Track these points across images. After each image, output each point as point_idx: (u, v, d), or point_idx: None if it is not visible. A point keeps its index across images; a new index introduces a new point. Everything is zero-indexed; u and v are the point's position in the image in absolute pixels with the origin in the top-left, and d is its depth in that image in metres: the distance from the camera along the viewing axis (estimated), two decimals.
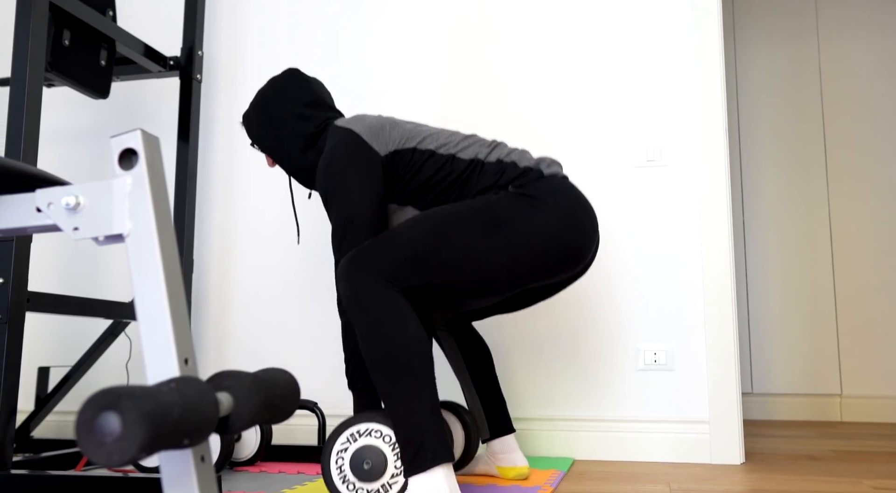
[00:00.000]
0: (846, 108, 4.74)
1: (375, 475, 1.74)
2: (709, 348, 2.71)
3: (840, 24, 4.83)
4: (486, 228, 1.76)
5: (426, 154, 1.96)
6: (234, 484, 2.24)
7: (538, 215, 1.80)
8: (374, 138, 1.95)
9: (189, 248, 2.91)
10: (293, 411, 1.00)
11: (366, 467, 1.74)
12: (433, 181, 1.93)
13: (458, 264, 1.74)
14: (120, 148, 0.94)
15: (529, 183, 1.88)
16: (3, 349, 2.12)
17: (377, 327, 1.65)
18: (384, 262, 1.70)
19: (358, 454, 1.75)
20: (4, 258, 2.15)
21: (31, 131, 2.22)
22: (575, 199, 1.88)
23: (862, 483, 2.27)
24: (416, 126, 2.04)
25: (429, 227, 1.75)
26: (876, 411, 4.45)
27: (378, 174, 1.92)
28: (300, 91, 2.13)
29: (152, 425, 0.73)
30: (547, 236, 1.80)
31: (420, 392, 1.62)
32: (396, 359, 1.63)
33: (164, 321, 0.90)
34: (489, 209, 1.79)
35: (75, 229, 0.95)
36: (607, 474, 2.44)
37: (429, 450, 1.60)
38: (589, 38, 2.97)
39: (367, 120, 2.00)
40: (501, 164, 1.93)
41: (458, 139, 2.00)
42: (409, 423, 1.61)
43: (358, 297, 1.67)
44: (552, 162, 1.98)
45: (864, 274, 4.58)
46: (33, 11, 2.25)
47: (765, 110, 4.86)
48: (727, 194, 2.76)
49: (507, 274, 1.78)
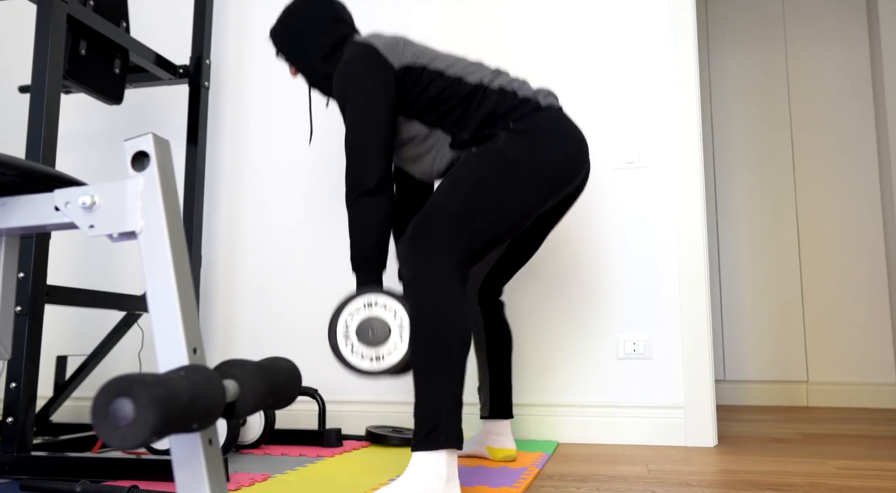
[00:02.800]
0: (812, 114, 4.75)
1: (376, 343, 1.76)
2: (684, 338, 2.71)
3: (806, 36, 4.84)
4: (505, 178, 1.81)
5: (435, 73, 1.99)
6: (240, 466, 2.24)
7: (541, 150, 1.86)
8: (389, 52, 1.99)
9: (197, 244, 2.91)
10: (295, 397, 1.00)
11: (370, 334, 1.76)
12: (440, 99, 1.97)
13: (498, 217, 1.79)
14: (133, 151, 0.94)
15: (527, 115, 1.92)
16: (24, 339, 2.12)
17: (432, 310, 1.66)
18: (441, 242, 1.73)
19: (367, 321, 1.78)
20: (25, 254, 2.14)
21: (50, 135, 2.21)
22: (566, 129, 1.93)
23: (826, 464, 2.27)
24: (428, 48, 2.08)
25: (461, 196, 1.79)
26: (840, 396, 4.47)
27: (391, 83, 1.96)
28: (324, 7, 2.17)
29: (163, 410, 0.73)
30: (553, 165, 1.87)
31: (451, 378, 1.63)
32: (439, 342, 1.64)
33: (174, 313, 0.90)
34: (502, 160, 1.84)
35: (91, 227, 0.95)
36: (589, 456, 2.44)
37: (442, 432, 1.60)
38: (573, 50, 2.98)
39: (383, 36, 2.05)
40: (503, 91, 1.97)
41: (465, 63, 2.04)
42: (432, 402, 1.61)
43: (420, 281, 1.69)
44: (548, 93, 2.02)
45: (828, 269, 4.59)
46: (52, 23, 2.25)
47: (736, 116, 4.87)
48: (701, 195, 2.77)
49: (533, 203, 1.85)
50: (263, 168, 3.23)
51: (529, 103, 1.95)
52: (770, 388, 4.58)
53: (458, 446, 1.61)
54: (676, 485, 1.94)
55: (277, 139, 3.24)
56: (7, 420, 2.08)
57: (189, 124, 2.94)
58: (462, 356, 1.66)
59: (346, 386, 3.01)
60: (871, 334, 4.48)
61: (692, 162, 2.78)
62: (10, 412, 2.08)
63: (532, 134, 1.88)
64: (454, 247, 1.73)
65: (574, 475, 2.09)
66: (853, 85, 4.71)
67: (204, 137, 2.95)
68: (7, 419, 2.08)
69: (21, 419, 2.08)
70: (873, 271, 4.52)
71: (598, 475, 2.07)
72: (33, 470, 2.03)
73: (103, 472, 2.00)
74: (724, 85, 4.92)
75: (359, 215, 1.90)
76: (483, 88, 1.98)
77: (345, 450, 2.56)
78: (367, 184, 1.88)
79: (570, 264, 2.86)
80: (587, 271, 2.85)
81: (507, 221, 1.81)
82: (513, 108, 1.94)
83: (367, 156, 1.90)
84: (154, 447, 2.35)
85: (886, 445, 2.72)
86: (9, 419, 2.08)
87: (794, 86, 4.81)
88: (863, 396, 4.43)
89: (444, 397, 1.62)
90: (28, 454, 2.06)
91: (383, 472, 2.12)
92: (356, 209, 1.90)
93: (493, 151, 1.86)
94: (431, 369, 1.63)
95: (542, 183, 1.85)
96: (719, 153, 4.85)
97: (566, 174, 1.90)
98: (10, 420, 2.08)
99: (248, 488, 1.89)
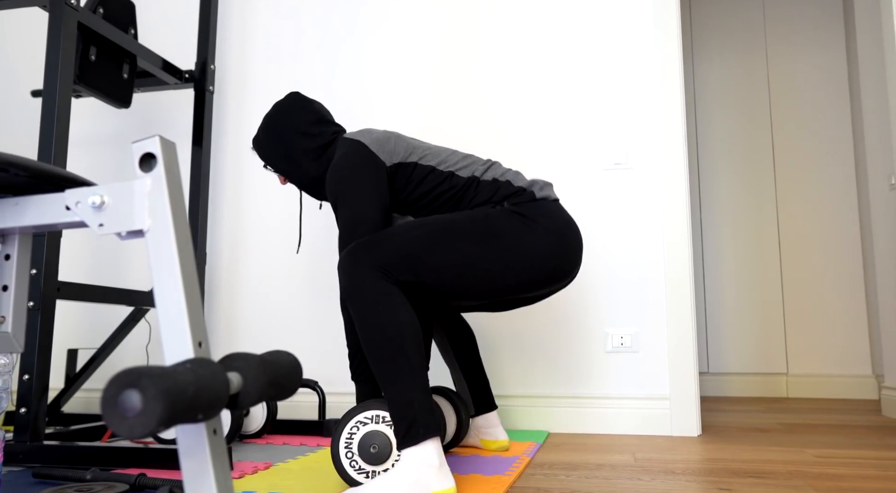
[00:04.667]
0: (792, 117, 4.76)
1: (382, 459, 1.73)
2: (669, 333, 2.72)
3: (786, 42, 4.85)
4: (479, 238, 1.74)
5: (427, 169, 1.92)
6: (244, 455, 2.24)
7: (530, 234, 1.78)
8: (380, 149, 1.91)
9: (202, 242, 2.90)
10: (296, 389, 1.00)
11: (372, 451, 1.73)
12: (432, 195, 1.90)
13: (448, 268, 1.71)
14: (140, 152, 0.94)
15: (524, 203, 1.85)
16: (36, 333, 2.12)
17: (372, 313, 1.63)
18: (380, 255, 1.67)
19: (365, 439, 1.74)
20: (37, 252, 2.14)
21: (61, 137, 2.21)
22: (564, 222, 1.85)
23: (805, 452, 2.28)
24: (419, 142, 2.01)
25: (427, 230, 1.73)
26: (818, 388, 4.48)
27: (384, 181, 1.87)
28: (305, 112, 2.08)
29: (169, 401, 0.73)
30: (536, 254, 1.77)
31: (412, 373, 1.62)
32: (390, 343, 1.62)
33: (180, 308, 0.90)
34: (486, 221, 1.77)
35: (100, 226, 0.95)
36: (579, 445, 2.44)
37: (420, 425, 1.59)
38: (563, 55, 2.98)
39: (373, 133, 1.96)
40: (497, 182, 1.90)
41: (457, 158, 1.96)
42: (402, 401, 1.61)
43: (355, 285, 1.66)
44: (545, 184, 1.94)
45: (807, 266, 4.60)
46: (63, 30, 2.24)
47: (719, 119, 4.87)
48: (686, 195, 2.77)
49: (494, 284, 1.76)
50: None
51: (525, 193, 1.88)
52: (751, 380, 4.59)
53: (438, 433, 1.61)
54: (662, 473, 1.94)
55: None
56: (20, 411, 2.08)
57: (194, 127, 2.94)
58: (417, 349, 1.63)
59: (345, 379, 3.01)
60: (848, 329, 4.49)
61: (677, 163, 2.79)
62: (23, 402, 2.08)
63: (525, 216, 1.81)
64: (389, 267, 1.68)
65: (564, 463, 2.09)
66: (831, 88, 4.72)
67: (209, 140, 2.95)
68: (20, 409, 2.08)
69: (33, 410, 2.08)
70: (850, 269, 4.53)
71: (587, 464, 2.07)
72: (45, 458, 2.03)
73: (112, 460, 2.00)
74: (708, 89, 4.92)
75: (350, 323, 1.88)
76: (476, 180, 1.91)
77: None
78: None
79: None
80: None
81: (461, 280, 1.73)
82: (508, 195, 1.88)
83: None
84: (161, 437, 2.35)
85: (862, 434, 2.73)
86: (22, 410, 2.08)
87: (774, 89, 4.82)
88: (840, 387, 4.45)
89: (411, 393, 1.61)
90: (40, 443, 2.06)
91: None
92: (347, 314, 1.87)
93: (481, 212, 1.80)
94: (391, 370, 1.61)
95: (517, 265, 1.76)
96: (703, 154, 4.86)
97: (550, 270, 1.80)
98: (24, 411, 2.08)
99: (252, 476, 1.89)
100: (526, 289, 1.80)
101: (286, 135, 2.06)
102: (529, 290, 1.81)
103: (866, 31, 3.54)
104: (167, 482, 1.69)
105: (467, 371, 2.32)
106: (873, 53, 3.52)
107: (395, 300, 1.65)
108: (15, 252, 1.13)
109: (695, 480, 1.85)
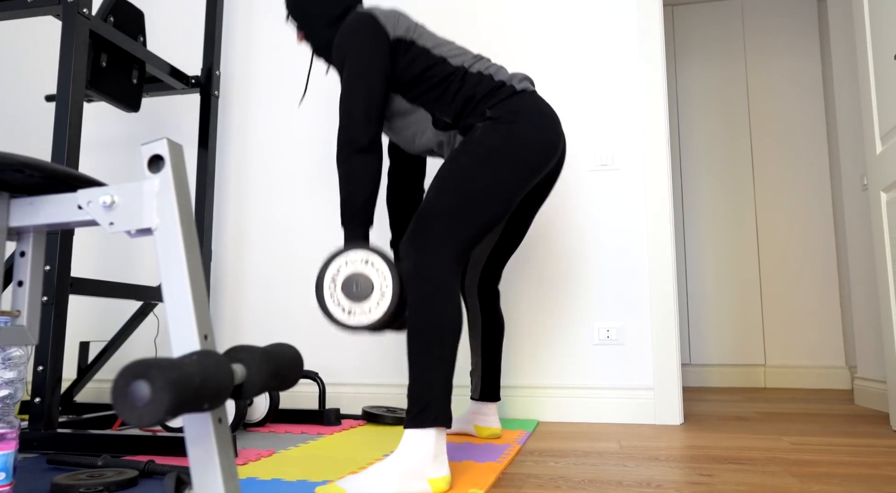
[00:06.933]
0: (769, 121, 4.76)
1: (360, 298, 1.73)
2: (653, 326, 2.72)
3: (764, 51, 4.85)
4: (486, 166, 1.78)
5: (422, 50, 1.97)
6: (247, 443, 2.24)
7: (517, 131, 1.83)
8: (385, 21, 1.96)
9: (208, 240, 2.90)
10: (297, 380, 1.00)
11: (354, 289, 1.73)
12: (422, 77, 1.94)
13: (486, 204, 1.76)
14: (149, 154, 0.93)
15: (503, 100, 1.89)
16: (50, 326, 2.11)
17: (429, 300, 1.64)
18: (436, 238, 1.70)
19: (350, 277, 1.74)
20: (51, 249, 2.14)
21: (74, 140, 2.20)
22: (539, 111, 1.90)
23: (782, 440, 2.29)
24: (420, 25, 2.06)
25: (450, 192, 1.76)
26: (794, 378, 4.49)
27: (386, 50, 1.93)
28: None
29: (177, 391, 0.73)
30: (528, 146, 1.83)
31: (442, 364, 1.62)
32: (433, 331, 1.63)
33: (187, 303, 0.90)
34: (481, 149, 1.80)
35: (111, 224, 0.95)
36: (567, 433, 2.45)
37: (432, 412, 1.59)
38: (554, 63, 2.98)
39: (382, 8, 2.01)
40: (481, 75, 1.94)
41: (451, 47, 2.01)
42: (424, 384, 1.61)
43: (418, 276, 1.67)
44: (523, 78, 1.99)
45: (784, 263, 4.61)
46: (76, 38, 2.23)
47: (701, 124, 4.88)
48: (669, 195, 2.77)
49: (515, 186, 1.81)
50: (268, 170, 3.22)
51: (505, 87, 1.92)
52: (731, 371, 4.60)
53: (447, 424, 1.61)
54: (646, 459, 1.94)
55: (280, 144, 3.23)
56: (35, 400, 2.08)
57: (200, 130, 2.93)
58: (453, 344, 1.66)
59: (344, 370, 3.01)
60: (822, 322, 4.51)
61: (661, 165, 2.79)
62: (38, 392, 2.08)
63: (507, 120, 1.85)
64: (449, 241, 1.71)
65: (553, 450, 2.09)
66: (807, 94, 4.73)
67: (214, 142, 2.94)
68: (35, 399, 2.08)
69: (47, 399, 2.08)
70: (825, 265, 4.54)
71: (574, 451, 2.08)
72: (59, 446, 2.03)
73: (122, 448, 2.00)
74: (690, 95, 4.93)
75: (350, 172, 1.85)
76: (464, 70, 1.95)
77: (343, 428, 2.56)
78: (360, 142, 1.84)
79: (551, 259, 2.87)
80: (566, 265, 2.85)
81: (495, 207, 1.78)
82: (489, 92, 1.91)
83: (361, 115, 1.86)
84: (169, 425, 2.34)
85: (836, 423, 2.73)
86: (36, 400, 2.08)
87: (752, 95, 4.82)
88: (815, 378, 4.46)
89: (435, 381, 1.62)
90: (54, 431, 2.05)
91: (378, 448, 2.12)
92: (348, 166, 1.86)
93: (472, 143, 1.83)
94: (425, 355, 1.63)
95: (520, 165, 1.82)
96: (685, 157, 4.86)
97: (542, 154, 1.87)
98: (38, 400, 2.07)
99: (255, 462, 1.89)
100: (536, 172, 1.87)
101: None
102: (538, 172, 1.87)
103: (840, 41, 3.55)
104: (174, 469, 1.69)
105: (486, 360, 2.36)
106: (846, 62, 3.53)
107: (449, 294, 1.66)
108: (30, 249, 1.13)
109: (677, 466, 1.85)
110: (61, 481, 1.57)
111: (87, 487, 1.55)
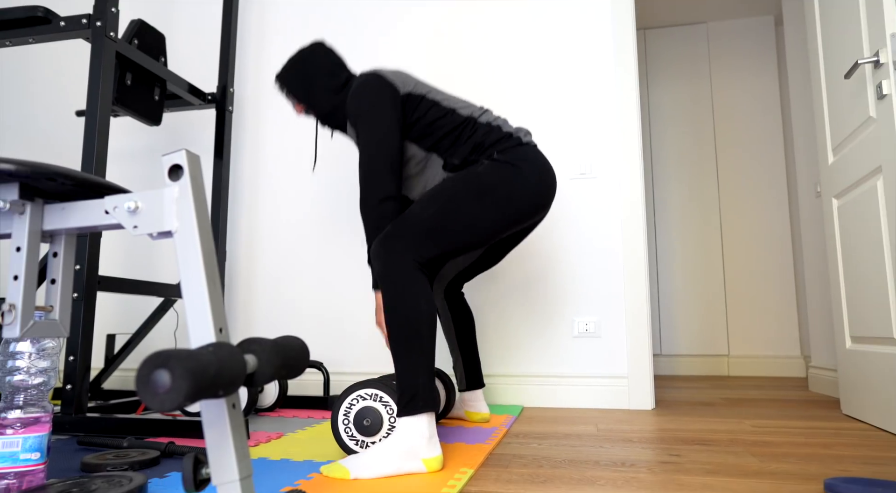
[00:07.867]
0: (732, 134, 4.78)
1: (372, 432, 1.73)
2: (627, 320, 2.73)
3: (727, 71, 4.87)
4: (477, 198, 1.76)
5: (432, 102, 1.94)
6: (259, 426, 2.24)
7: (517, 178, 1.81)
8: (394, 79, 1.93)
9: (223, 241, 2.89)
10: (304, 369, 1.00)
11: (365, 423, 1.73)
12: (435, 126, 1.91)
13: (463, 232, 1.74)
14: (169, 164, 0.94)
15: (510, 148, 1.87)
16: (80, 320, 2.11)
17: (399, 299, 1.63)
18: (406, 243, 1.69)
19: (361, 412, 1.74)
20: (80, 250, 2.13)
21: (101, 151, 2.20)
22: (543, 164, 1.89)
23: (744, 423, 2.29)
24: (424, 81, 2.04)
25: (434, 208, 1.74)
26: (755, 367, 4.50)
27: (398, 105, 1.89)
28: (329, 57, 2.09)
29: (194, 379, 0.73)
30: (525, 193, 1.82)
31: (423, 353, 1.62)
32: (410, 327, 1.62)
33: (204, 299, 0.90)
34: (478, 180, 1.79)
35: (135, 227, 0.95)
36: (549, 418, 2.45)
37: (420, 399, 1.59)
38: (535, 80, 2.98)
39: (386, 68, 1.99)
40: (490, 125, 1.92)
41: (457, 99, 1.99)
42: (410, 375, 1.61)
43: (388, 274, 1.66)
44: (527, 132, 1.98)
45: (746, 262, 4.63)
46: (103, 59, 2.23)
47: (670, 136, 4.89)
48: (642, 200, 2.78)
49: (499, 226, 1.80)
50: (277, 179, 3.22)
51: (512, 138, 1.91)
52: (698, 360, 4.61)
53: (435, 408, 1.61)
54: (620, 441, 1.95)
55: (289, 155, 3.23)
56: (66, 387, 2.07)
57: (216, 142, 2.93)
58: (430, 335, 1.64)
59: (346, 360, 3.00)
60: (780, 316, 4.52)
61: (634, 173, 2.79)
62: (69, 380, 2.08)
63: (513, 164, 1.83)
64: (416, 253, 1.69)
65: (536, 433, 2.09)
66: (766, 110, 4.75)
67: (228, 153, 2.94)
68: (66, 386, 2.07)
69: (77, 387, 2.07)
70: (782, 264, 4.56)
71: (556, 434, 2.08)
72: (88, 428, 2.02)
73: (145, 430, 2.00)
74: (661, 110, 4.94)
75: (381, 217, 1.80)
76: (473, 120, 1.93)
77: None
78: (388, 191, 1.80)
79: (534, 259, 2.87)
80: (548, 265, 2.85)
81: (469, 239, 1.76)
82: (498, 140, 1.89)
83: (386, 169, 1.81)
84: (187, 410, 2.34)
85: (792, 407, 2.74)
86: (68, 387, 2.07)
87: (717, 111, 4.84)
88: (773, 367, 4.47)
89: (419, 371, 1.61)
90: (84, 415, 2.05)
91: None
92: (378, 212, 1.80)
93: (472, 174, 1.81)
94: (406, 348, 1.62)
95: (509, 210, 1.80)
96: (657, 166, 4.87)
97: (533, 204, 1.85)
98: (69, 387, 2.07)
99: (266, 444, 1.89)
100: (520, 221, 1.85)
101: (311, 70, 2.07)
102: (522, 222, 1.85)
103: (795, 62, 3.56)
104: (192, 450, 1.68)
105: (464, 351, 2.35)
106: (801, 81, 3.54)
107: (419, 290, 1.65)
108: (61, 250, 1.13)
109: (649, 447, 1.85)
110: (90, 460, 1.57)
111: (113, 465, 1.55)
